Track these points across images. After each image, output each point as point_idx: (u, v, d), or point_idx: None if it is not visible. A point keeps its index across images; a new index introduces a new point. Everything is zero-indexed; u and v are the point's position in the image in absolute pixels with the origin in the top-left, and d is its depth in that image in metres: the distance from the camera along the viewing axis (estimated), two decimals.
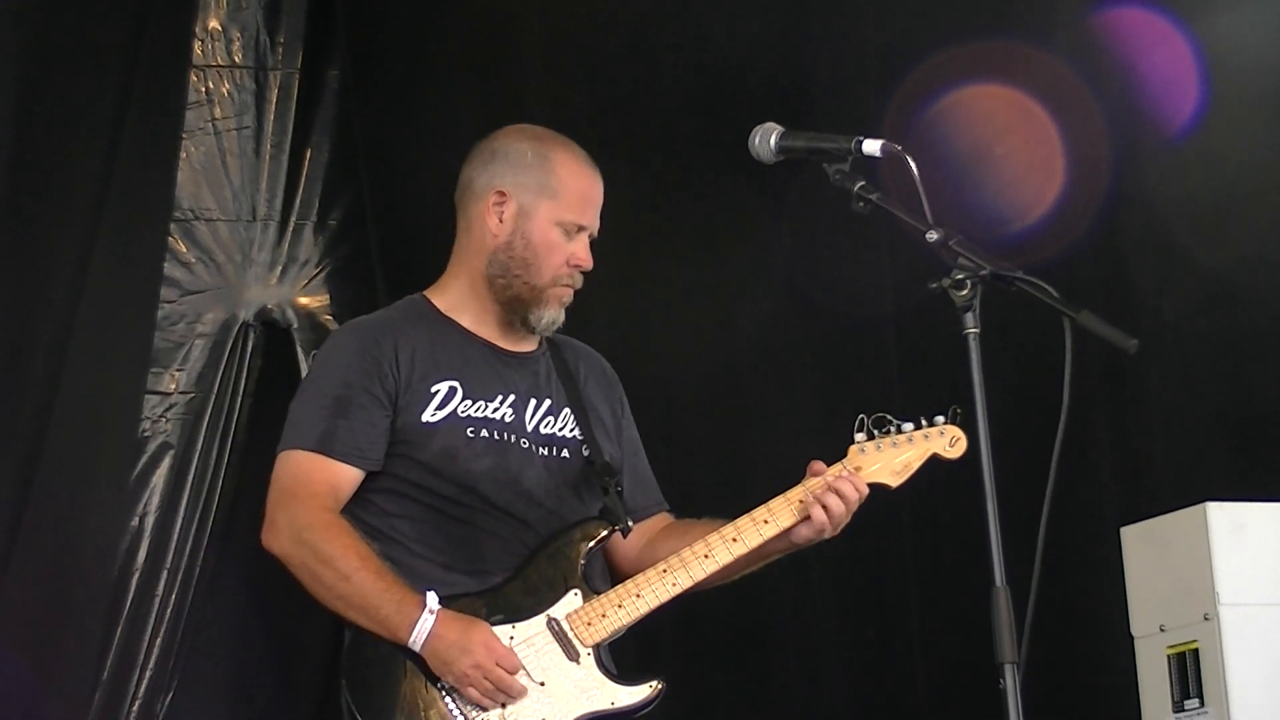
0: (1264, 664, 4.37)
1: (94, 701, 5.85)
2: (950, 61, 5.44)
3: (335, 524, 3.53)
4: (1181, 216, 5.26)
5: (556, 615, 3.56)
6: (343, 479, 3.58)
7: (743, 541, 3.62)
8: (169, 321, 6.21)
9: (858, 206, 3.39)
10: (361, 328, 3.75)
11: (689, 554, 3.60)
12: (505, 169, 3.73)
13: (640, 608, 3.58)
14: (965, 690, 5.49)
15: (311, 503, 3.54)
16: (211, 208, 6.34)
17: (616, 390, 3.90)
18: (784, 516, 3.63)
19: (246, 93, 6.39)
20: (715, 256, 5.94)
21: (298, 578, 3.56)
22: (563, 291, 3.71)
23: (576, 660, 3.54)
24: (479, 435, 3.64)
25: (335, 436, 3.57)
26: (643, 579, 3.59)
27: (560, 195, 3.71)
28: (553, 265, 3.69)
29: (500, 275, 3.70)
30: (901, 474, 3.69)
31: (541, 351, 3.80)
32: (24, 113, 5.67)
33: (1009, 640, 3.08)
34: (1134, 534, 4.67)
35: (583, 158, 3.77)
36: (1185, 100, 5.22)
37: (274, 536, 3.55)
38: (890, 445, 3.69)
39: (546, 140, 3.78)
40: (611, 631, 3.58)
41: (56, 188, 5.82)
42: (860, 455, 3.68)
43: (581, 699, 3.51)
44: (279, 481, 3.59)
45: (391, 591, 3.47)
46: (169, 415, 6.17)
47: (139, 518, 6.06)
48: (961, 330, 3.20)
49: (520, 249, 3.69)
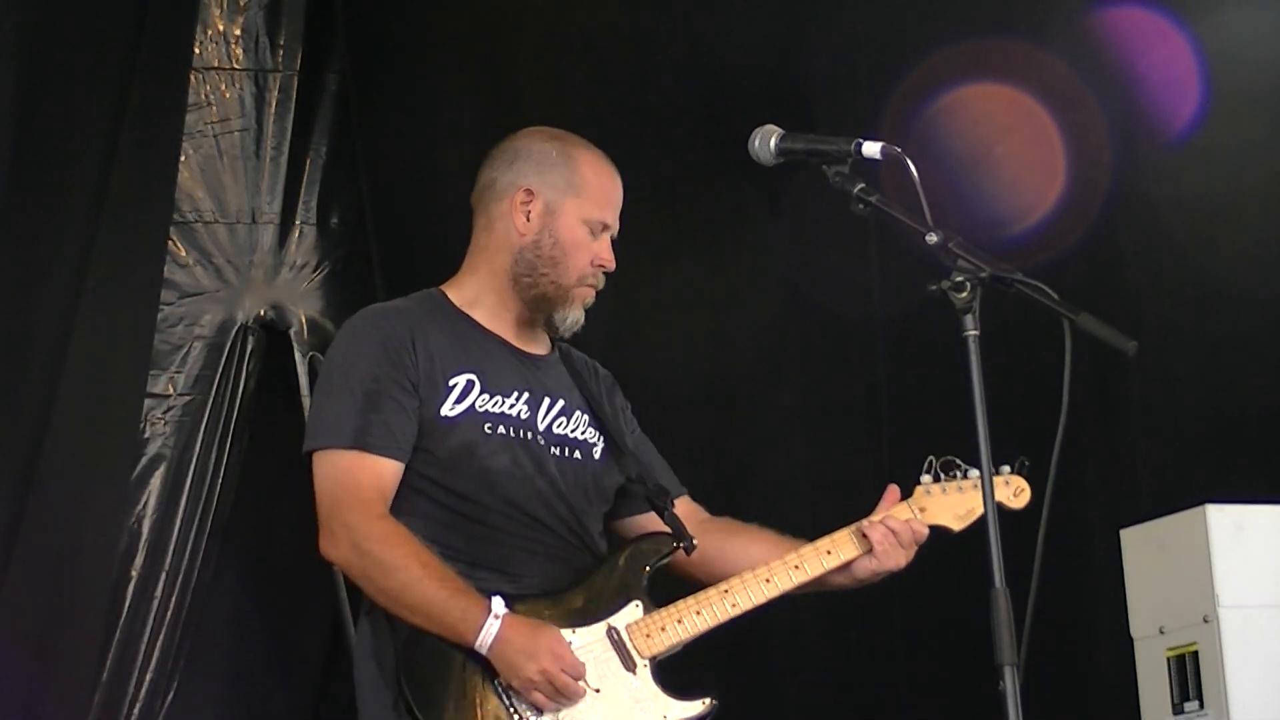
0: (1263, 666, 4.37)
1: (94, 703, 5.85)
2: (950, 62, 5.45)
3: (394, 531, 3.50)
4: (1180, 217, 5.26)
5: (617, 625, 3.57)
6: (386, 475, 3.55)
7: (805, 569, 3.67)
8: (167, 324, 6.21)
9: (857, 209, 3.39)
10: (380, 316, 3.71)
11: (750, 577, 3.64)
12: (530, 168, 3.73)
13: (699, 625, 3.60)
14: (949, 692, 5.52)
15: (366, 510, 3.51)
16: (210, 210, 6.33)
17: (617, 395, 3.91)
18: (847, 548, 3.69)
19: (246, 95, 6.39)
20: (711, 259, 5.94)
21: (358, 584, 3.55)
22: (586, 292, 3.72)
23: (633, 671, 3.54)
24: (496, 431, 3.63)
25: (371, 431, 3.54)
26: (703, 596, 3.62)
27: (586, 193, 3.72)
28: (580, 264, 3.69)
29: (527, 274, 3.70)
30: (965, 519, 3.73)
31: (554, 355, 3.81)
32: (24, 113, 5.67)
33: (1009, 642, 3.07)
34: (1133, 536, 4.67)
35: (605, 158, 3.79)
36: (1185, 100, 5.22)
37: (333, 545, 3.53)
38: (955, 490, 3.73)
39: (569, 140, 3.79)
40: (669, 645, 3.58)
41: (56, 188, 5.81)
42: (926, 497, 3.73)
43: (635, 709, 3.52)
44: (326, 488, 3.55)
45: (456, 598, 3.46)
46: (166, 418, 6.16)
47: (135, 520, 6.06)
48: (961, 332, 3.19)
49: (549, 247, 3.69)
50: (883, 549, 3.68)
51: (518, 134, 3.83)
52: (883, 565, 3.69)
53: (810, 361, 5.82)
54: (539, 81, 6.16)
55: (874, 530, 3.68)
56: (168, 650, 6.00)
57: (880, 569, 3.70)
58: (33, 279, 5.75)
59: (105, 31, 5.92)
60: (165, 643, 6.00)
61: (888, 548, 3.68)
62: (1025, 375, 4.62)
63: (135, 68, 5.92)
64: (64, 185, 5.85)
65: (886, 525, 3.69)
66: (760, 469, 5.69)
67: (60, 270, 5.80)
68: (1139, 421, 5.29)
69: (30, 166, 5.73)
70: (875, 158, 3.39)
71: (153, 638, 5.99)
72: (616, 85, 6.09)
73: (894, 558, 3.69)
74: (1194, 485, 4.80)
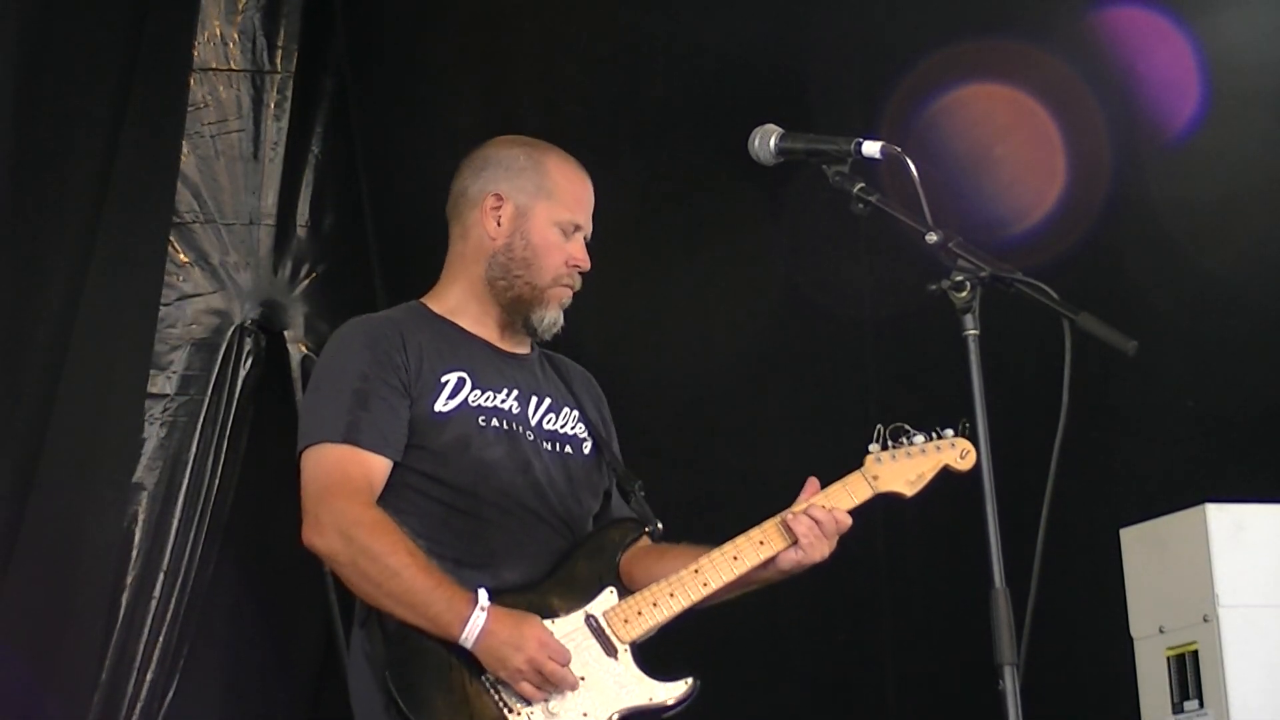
0: (1263, 665, 4.38)
1: (93, 703, 5.85)
2: (950, 62, 5.45)
3: (381, 520, 3.52)
4: (1180, 217, 5.26)
5: (594, 612, 3.59)
6: (375, 470, 3.58)
7: (770, 544, 3.65)
8: (164, 324, 6.20)
9: (857, 208, 3.39)
10: (366, 323, 3.76)
11: (719, 555, 3.64)
12: (499, 173, 3.79)
13: (675, 606, 3.62)
14: (935, 695, 5.52)
15: (354, 498, 3.53)
16: (208, 211, 6.33)
17: (603, 407, 3.94)
18: (775, 540, 3.66)
19: (244, 96, 6.38)
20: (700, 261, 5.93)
21: (342, 575, 3.55)
22: (562, 292, 3.75)
23: (614, 656, 3.57)
24: (490, 425, 3.66)
25: (360, 428, 3.57)
26: (676, 580, 3.63)
27: (556, 195, 3.76)
28: (553, 264, 3.73)
29: (501, 277, 3.74)
30: (916, 484, 3.72)
31: (536, 356, 3.84)
32: (24, 113, 5.67)
33: (1009, 641, 3.07)
34: (1133, 535, 4.67)
35: (573, 161, 3.83)
36: (1185, 101, 5.22)
37: (318, 534, 3.54)
38: (905, 455, 3.72)
39: (537, 146, 3.85)
40: (647, 629, 3.61)
41: (56, 188, 5.81)
42: (876, 465, 3.72)
43: (620, 694, 3.55)
44: (315, 477, 3.58)
45: (441, 589, 3.48)
46: (163, 417, 6.16)
47: (130, 520, 6.06)
48: (961, 332, 3.19)
49: (520, 249, 3.73)
50: (807, 541, 3.62)
51: (485, 144, 3.88)
52: (808, 557, 3.64)
53: (798, 364, 5.82)
54: (537, 82, 6.16)
55: (798, 522, 3.63)
56: (167, 649, 6.00)
57: (805, 560, 3.65)
58: (33, 279, 5.75)
59: (105, 32, 5.92)
60: (165, 642, 5.99)
61: (812, 539, 3.63)
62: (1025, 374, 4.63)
63: (135, 68, 5.91)
64: (64, 185, 5.85)
65: (811, 515, 3.64)
66: (746, 471, 5.68)
67: (60, 270, 5.80)
68: (1139, 420, 5.30)
69: (30, 167, 5.73)
70: (875, 157, 3.40)
71: (152, 637, 5.98)
72: (614, 86, 6.09)
73: (818, 549, 3.64)
74: (1194, 484, 4.80)
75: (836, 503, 3.67)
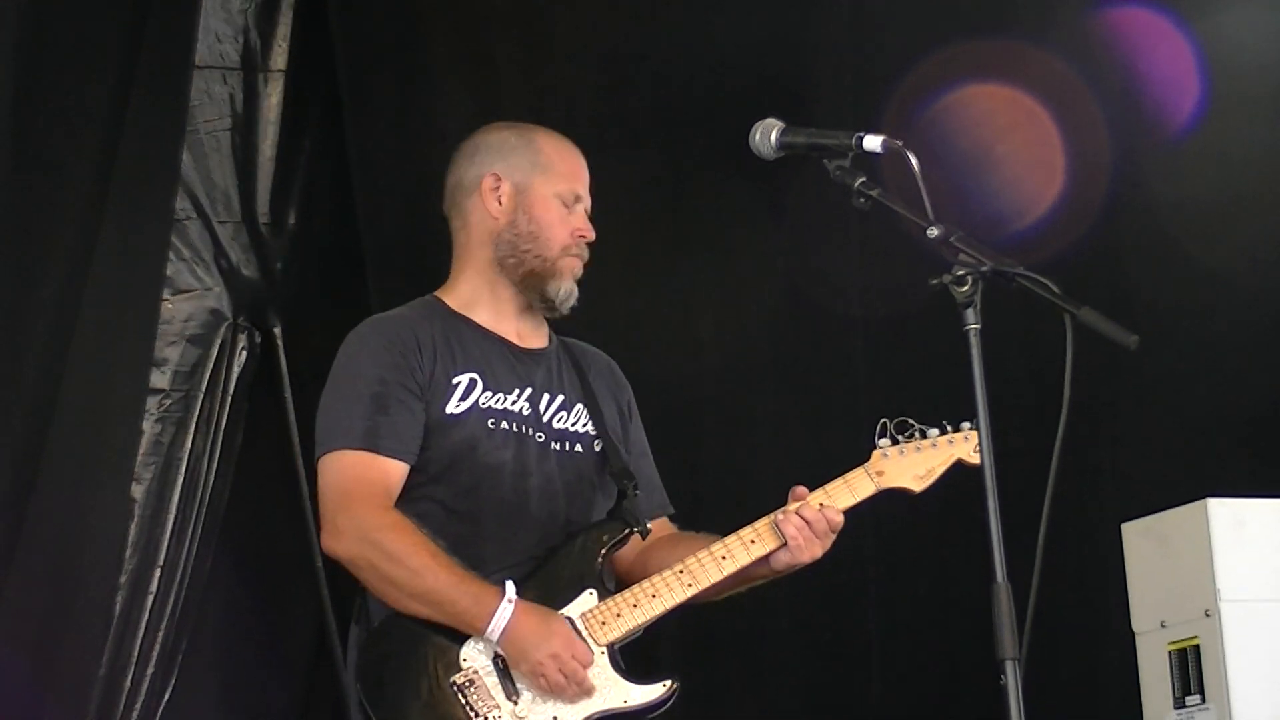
0: (1265, 660, 4.38)
1: (92, 701, 5.85)
2: (950, 61, 5.45)
3: (400, 522, 3.53)
4: (1181, 215, 5.27)
5: (571, 615, 3.57)
6: (393, 475, 3.58)
7: (762, 544, 3.62)
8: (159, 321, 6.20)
9: (858, 203, 3.39)
10: (383, 324, 3.76)
11: (706, 556, 3.61)
12: (492, 156, 3.80)
13: (656, 608, 3.60)
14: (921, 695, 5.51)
15: (372, 503, 3.54)
16: (200, 207, 6.32)
17: (625, 394, 3.93)
18: (767, 539, 3.62)
19: (236, 94, 6.37)
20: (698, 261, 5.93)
21: (364, 580, 3.56)
22: (573, 262, 3.76)
23: (590, 659, 3.54)
24: (499, 427, 3.66)
25: (379, 433, 3.57)
26: (659, 579, 3.61)
27: (551, 169, 3.78)
28: (560, 235, 3.74)
29: (510, 255, 3.74)
30: (925, 479, 3.68)
31: (554, 348, 3.83)
32: (24, 113, 5.66)
33: (1010, 636, 3.07)
34: (1135, 530, 4.67)
35: (563, 136, 3.86)
36: (1185, 100, 5.23)
37: (337, 540, 3.54)
38: (914, 450, 3.69)
39: (525, 126, 3.88)
40: (626, 631, 3.59)
41: (56, 187, 5.81)
42: (883, 460, 3.69)
43: (595, 697, 3.52)
44: (333, 484, 3.58)
45: (466, 584, 3.49)
46: (158, 413, 6.16)
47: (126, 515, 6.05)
48: (962, 327, 3.19)
49: (525, 224, 3.74)
50: (796, 542, 3.59)
51: (474, 133, 3.90)
52: (797, 559, 3.61)
53: (792, 363, 5.81)
54: (531, 82, 6.15)
55: (788, 523, 3.61)
56: (165, 646, 5.99)
57: (795, 562, 3.62)
58: (33, 278, 5.74)
59: (105, 31, 5.91)
60: (164, 639, 5.99)
61: (802, 541, 3.59)
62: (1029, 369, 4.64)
63: (136, 65, 5.91)
64: (64, 185, 5.85)
65: (801, 515, 3.61)
66: (740, 470, 5.68)
67: (61, 270, 5.80)
68: (1140, 416, 5.30)
69: (30, 166, 5.72)
70: (876, 151, 3.40)
71: (150, 634, 5.97)
72: (608, 87, 6.09)
73: (809, 550, 3.61)
74: (1195, 480, 4.80)
75: (836, 499, 3.65)
